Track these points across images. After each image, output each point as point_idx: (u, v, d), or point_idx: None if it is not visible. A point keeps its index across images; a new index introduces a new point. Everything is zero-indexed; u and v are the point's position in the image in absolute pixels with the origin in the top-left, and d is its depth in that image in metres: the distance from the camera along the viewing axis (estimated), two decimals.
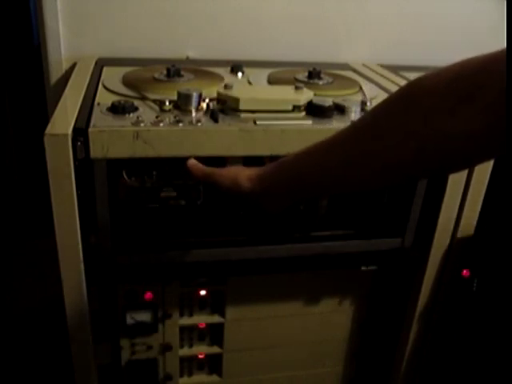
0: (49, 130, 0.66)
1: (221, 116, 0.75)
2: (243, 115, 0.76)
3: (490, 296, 0.89)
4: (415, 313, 0.97)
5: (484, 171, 0.85)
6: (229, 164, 0.74)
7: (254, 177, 0.60)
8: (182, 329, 0.94)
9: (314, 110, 0.79)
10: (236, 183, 0.61)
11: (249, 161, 0.74)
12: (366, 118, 0.54)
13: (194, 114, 0.76)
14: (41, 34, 1.04)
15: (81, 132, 0.68)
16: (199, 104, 0.77)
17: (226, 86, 0.78)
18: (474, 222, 0.90)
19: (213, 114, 0.75)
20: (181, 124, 0.72)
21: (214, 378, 1.01)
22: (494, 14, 1.19)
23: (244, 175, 0.61)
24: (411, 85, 0.46)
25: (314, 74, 0.97)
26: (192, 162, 0.70)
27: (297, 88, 0.81)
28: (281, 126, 0.75)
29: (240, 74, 1.00)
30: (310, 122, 0.77)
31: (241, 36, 1.14)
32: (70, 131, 0.67)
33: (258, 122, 0.74)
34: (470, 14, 1.22)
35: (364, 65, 1.18)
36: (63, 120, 0.70)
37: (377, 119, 0.49)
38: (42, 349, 1.41)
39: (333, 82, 0.97)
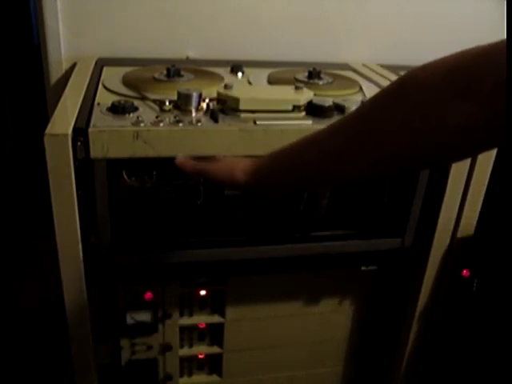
0: (49, 130, 0.67)
1: (221, 116, 0.75)
2: (243, 115, 0.76)
3: (490, 296, 0.89)
4: (415, 313, 0.97)
5: (484, 171, 0.86)
6: None
7: (249, 169, 0.60)
8: (182, 329, 0.94)
9: (314, 110, 0.79)
10: (231, 176, 0.61)
11: None
12: (362, 108, 0.53)
13: (194, 114, 0.76)
14: (41, 34, 1.04)
15: (81, 132, 0.68)
16: (199, 104, 0.77)
17: (226, 86, 0.78)
18: (474, 222, 0.90)
19: (213, 114, 0.75)
20: (181, 124, 0.72)
21: (214, 377, 1.01)
22: (494, 14, 1.19)
23: (239, 168, 0.61)
24: (405, 77, 0.46)
25: (314, 74, 0.97)
26: (179, 160, 0.68)
27: (297, 88, 0.81)
28: (281, 125, 0.75)
29: (240, 74, 1.00)
30: (309, 121, 0.77)
31: (241, 36, 1.14)
32: (70, 131, 0.67)
33: (258, 122, 0.74)
34: (470, 14, 1.22)
35: (364, 65, 1.18)
36: (63, 120, 0.70)
37: (371, 109, 0.49)
38: (42, 349, 1.41)
39: (333, 81, 0.97)
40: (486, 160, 0.85)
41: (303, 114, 0.79)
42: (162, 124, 0.72)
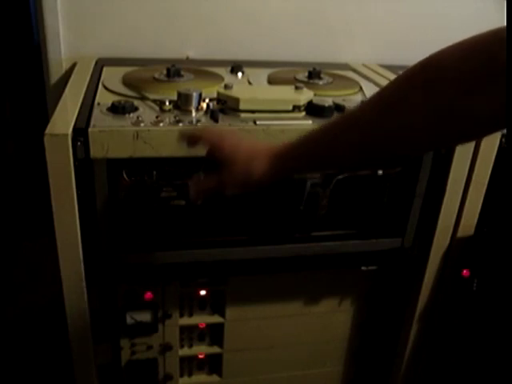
0: (49, 129, 0.66)
1: (221, 116, 0.75)
2: (243, 115, 0.76)
3: (490, 296, 0.89)
4: (415, 313, 0.97)
5: (484, 171, 0.85)
6: None
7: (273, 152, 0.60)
8: (182, 329, 0.94)
9: (314, 110, 0.79)
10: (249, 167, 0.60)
11: None
12: (374, 105, 0.52)
13: (193, 114, 0.76)
14: (41, 34, 1.04)
15: (81, 132, 0.68)
16: (199, 104, 0.77)
17: (225, 86, 0.78)
18: (474, 222, 0.90)
19: (213, 114, 0.75)
20: (181, 124, 0.72)
21: (214, 377, 1.01)
22: (493, 14, 1.19)
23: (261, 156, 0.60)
24: (426, 69, 0.46)
25: (313, 74, 0.97)
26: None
27: (297, 88, 0.81)
28: (281, 125, 0.75)
29: (240, 74, 1.00)
30: (309, 121, 0.77)
31: (241, 36, 1.14)
32: (69, 131, 0.67)
33: (258, 122, 0.74)
34: (470, 13, 1.22)
35: (364, 65, 1.18)
36: (63, 120, 0.70)
37: (389, 106, 0.49)
38: (42, 349, 1.41)
39: (333, 81, 0.97)
40: (486, 160, 0.85)
41: (303, 114, 0.79)
42: (161, 124, 0.72)
